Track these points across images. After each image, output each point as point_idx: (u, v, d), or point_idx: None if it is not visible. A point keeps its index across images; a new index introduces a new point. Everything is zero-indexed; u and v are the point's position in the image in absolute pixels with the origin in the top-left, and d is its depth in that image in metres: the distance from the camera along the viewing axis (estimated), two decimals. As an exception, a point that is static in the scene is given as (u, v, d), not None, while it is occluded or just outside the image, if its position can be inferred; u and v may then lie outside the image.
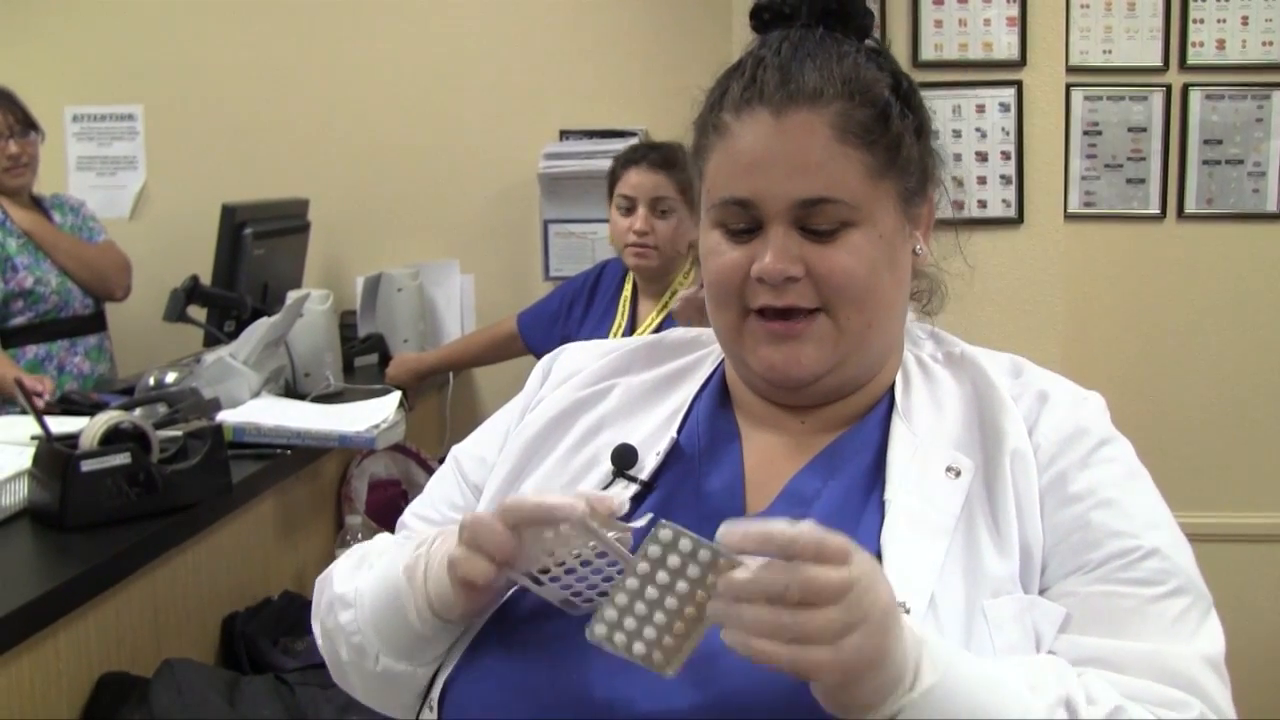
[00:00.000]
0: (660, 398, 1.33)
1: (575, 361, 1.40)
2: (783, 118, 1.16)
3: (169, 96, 4.51)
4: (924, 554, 1.12)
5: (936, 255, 1.30)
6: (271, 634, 2.52)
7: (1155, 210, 3.71)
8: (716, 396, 1.31)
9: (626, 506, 1.08)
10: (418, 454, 3.58)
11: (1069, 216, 3.49)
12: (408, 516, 1.40)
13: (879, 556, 1.12)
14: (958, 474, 1.18)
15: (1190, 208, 3.71)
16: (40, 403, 3.02)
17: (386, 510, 3.27)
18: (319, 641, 1.31)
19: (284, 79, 4.44)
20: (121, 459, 2.20)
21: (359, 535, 2.95)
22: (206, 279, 3.55)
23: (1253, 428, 3.74)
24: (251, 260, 3.66)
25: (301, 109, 4.44)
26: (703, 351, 1.36)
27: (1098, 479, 1.17)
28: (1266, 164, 3.67)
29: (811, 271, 1.17)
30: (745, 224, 1.19)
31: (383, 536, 1.37)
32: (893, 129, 1.19)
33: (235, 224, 3.62)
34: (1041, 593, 1.14)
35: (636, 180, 3.20)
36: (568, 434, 1.32)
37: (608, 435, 1.30)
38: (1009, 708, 0.98)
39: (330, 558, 1.41)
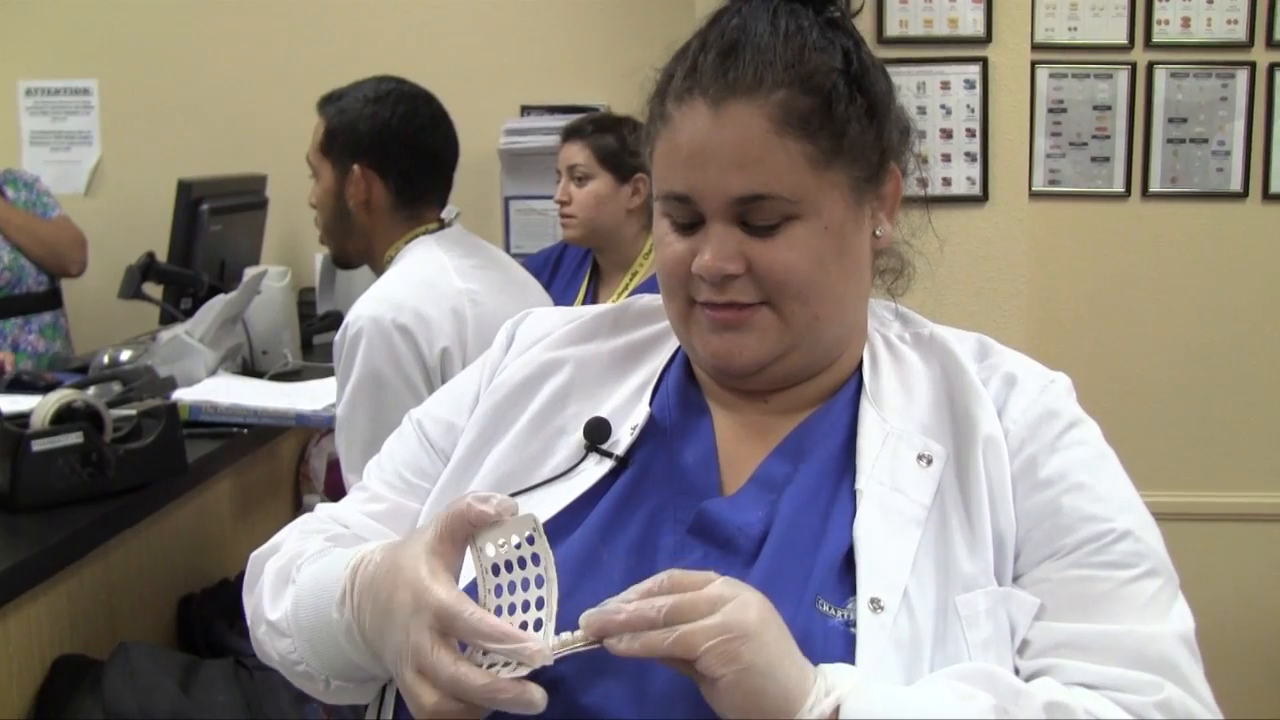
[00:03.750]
0: (628, 368, 1.30)
1: (540, 326, 1.37)
2: (720, 110, 1.12)
3: (125, 70, 4.45)
4: (897, 547, 1.10)
5: (905, 232, 1.27)
6: (229, 616, 2.48)
7: (1120, 189, 3.70)
8: (685, 369, 1.28)
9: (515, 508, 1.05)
10: (377, 433, 3.51)
11: (1033, 195, 3.48)
12: (371, 480, 1.35)
13: (851, 549, 1.11)
14: (929, 462, 1.16)
15: (1155, 186, 3.70)
16: None
17: (345, 489, 3.22)
18: (257, 651, 1.27)
19: (241, 53, 4.39)
20: (73, 438, 2.16)
21: (318, 515, 2.91)
22: (163, 256, 3.51)
23: (1217, 406, 3.75)
24: (208, 237, 3.61)
25: (259, 83, 4.38)
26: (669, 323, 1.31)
27: (1067, 463, 1.15)
28: (1231, 143, 3.67)
29: (753, 267, 1.14)
30: (688, 218, 1.16)
31: (299, 526, 1.33)
32: (838, 116, 1.14)
33: (191, 200, 3.58)
34: (1015, 580, 1.12)
35: (560, 154, 3.28)
36: (532, 401, 1.29)
37: (575, 406, 1.27)
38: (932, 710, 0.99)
39: (289, 538, 1.37)
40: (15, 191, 3.93)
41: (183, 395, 2.75)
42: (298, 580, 1.20)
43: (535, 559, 1.01)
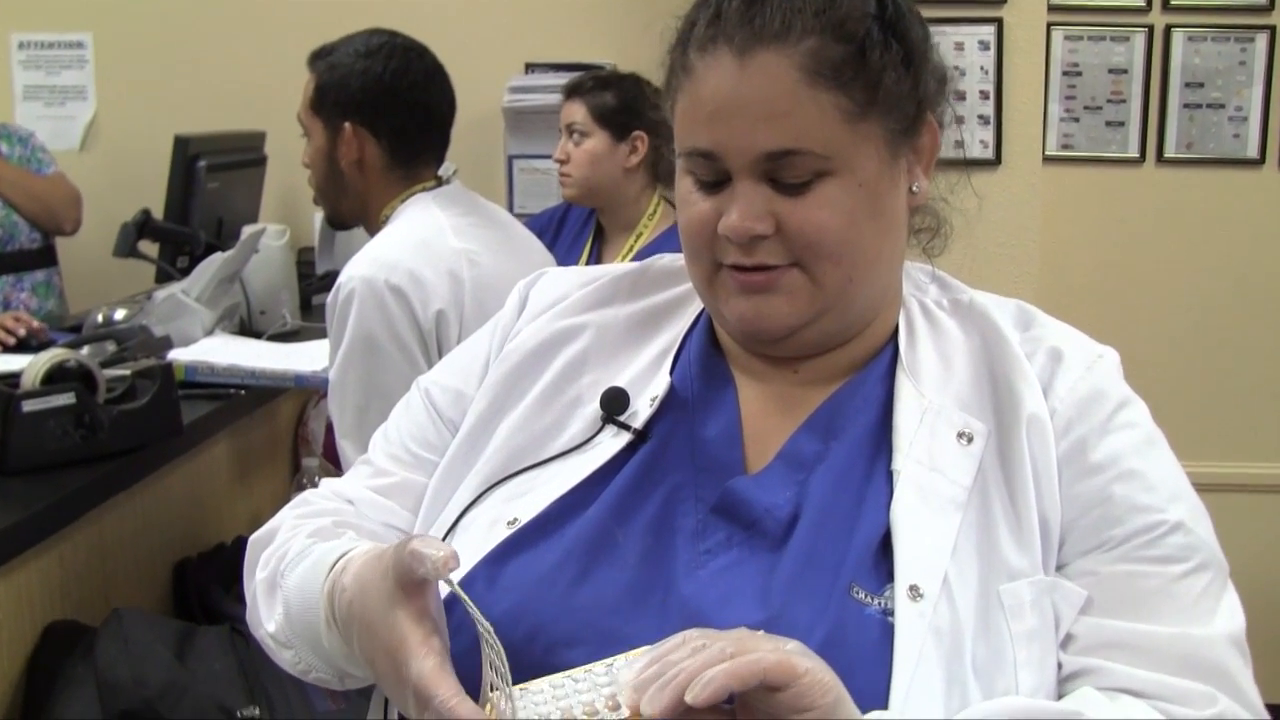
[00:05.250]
0: (647, 335, 1.24)
1: (555, 289, 1.30)
2: (746, 60, 1.05)
3: (120, 23, 4.36)
4: (936, 531, 1.04)
5: (941, 189, 1.20)
6: (225, 581, 2.43)
7: (1134, 154, 3.65)
8: (707, 336, 1.22)
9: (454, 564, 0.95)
10: (377, 395, 3.46)
11: (1047, 159, 3.42)
12: (376, 454, 1.29)
13: (887, 533, 1.05)
14: (970, 440, 1.09)
15: (1170, 152, 3.64)
16: (11, 340, 2.93)
17: (339, 454, 3.18)
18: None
19: (240, 6, 4.30)
20: (65, 399, 2.11)
21: (316, 478, 2.87)
22: (159, 213, 3.44)
23: (1231, 376, 3.70)
24: (205, 194, 3.55)
25: (258, 37, 4.29)
26: (690, 284, 1.23)
27: (1118, 447, 1.08)
28: (1248, 109, 3.61)
29: (782, 227, 1.07)
30: (713, 175, 1.09)
31: (297, 508, 1.27)
32: (872, 65, 1.06)
33: (188, 156, 3.51)
34: (1058, 569, 1.06)
35: (561, 111, 3.23)
36: (547, 369, 1.22)
37: (591, 375, 1.21)
38: None
39: (286, 501, 1.31)
40: (9, 147, 3.86)
41: (178, 355, 2.70)
42: (285, 588, 1.16)
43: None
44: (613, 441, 1.15)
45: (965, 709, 0.99)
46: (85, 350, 2.58)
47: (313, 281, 3.82)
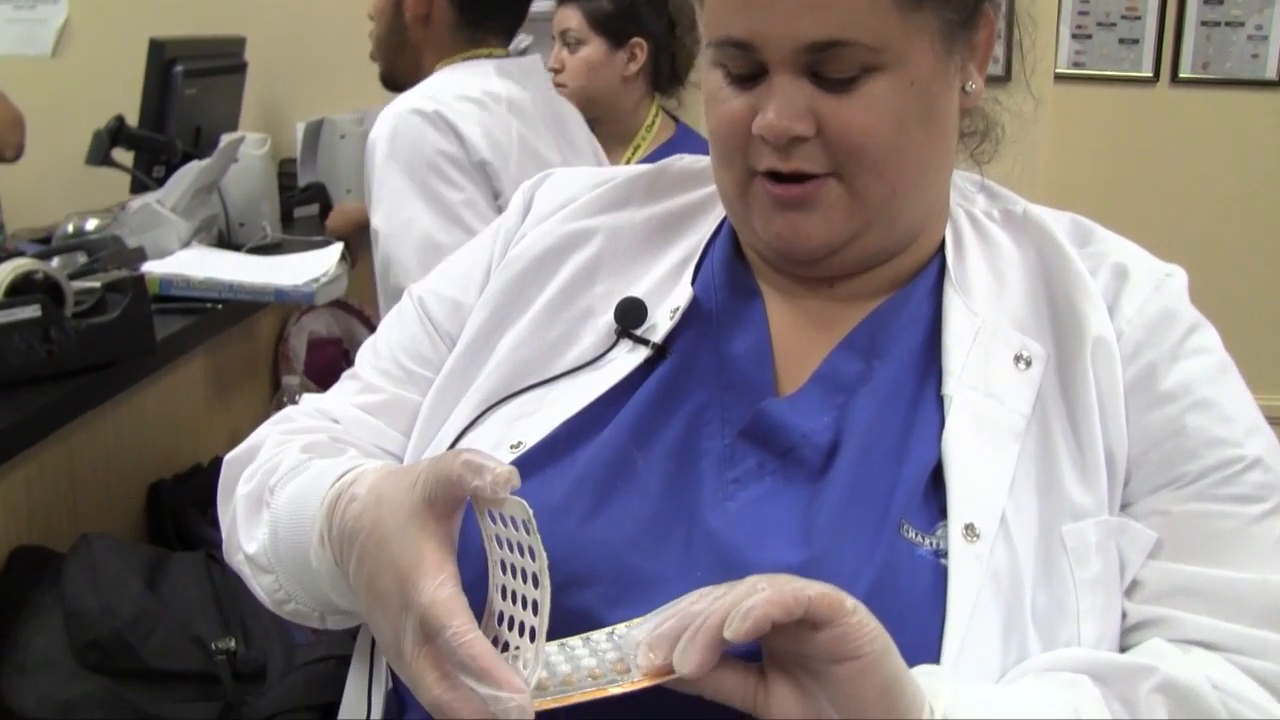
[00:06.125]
0: (665, 242, 1.12)
1: (564, 190, 1.18)
2: None
3: (93, -78, 4.19)
4: (993, 464, 0.94)
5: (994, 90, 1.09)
6: (201, 505, 2.33)
7: (1148, 73, 3.53)
8: (731, 244, 1.10)
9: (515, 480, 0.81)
10: (361, 311, 3.39)
11: (1058, 77, 3.31)
12: (364, 369, 1.17)
13: (939, 466, 0.94)
14: (1028, 364, 0.98)
15: (1185, 71, 3.53)
16: None
17: (326, 371, 3.10)
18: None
19: (219, -94, 4.14)
20: (30, 312, 1.98)
21: (296, 397, 2.75)
22: (134, 121, 3.30)
23: (1244, 303, 3.60)
24: (182, 101, 3.40)
25: (238, -63, 4.14)
26: (713, 186, 1.11)
27: (1191, 374, 0.98)
28: (1269, 28, 3.49)
29: (824, 129, 0.95)
30: (748, 69, 0.96)
31: (279, 424, 1.15)
32: None
33: (164, 61, 3.35)
34: (1123, 509, 0.96)
35: (555, 18, 3.12)
36: (554, 278, 1.11)
37: (604, 284, 1.10)
38: None
39: (265, 418, 1.19)
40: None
41: (152, 268, 2.56)
42: (273, 506, 1.02)
43: (531, 553, 0.80)
44: (629, 357, 1.04)
45: (1024, 662, 0.89)
46: (56, 262, 2.45)
47: (294, 194, 3.69)
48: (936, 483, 0.94)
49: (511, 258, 1.13)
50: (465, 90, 2.14)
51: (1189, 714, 0.86)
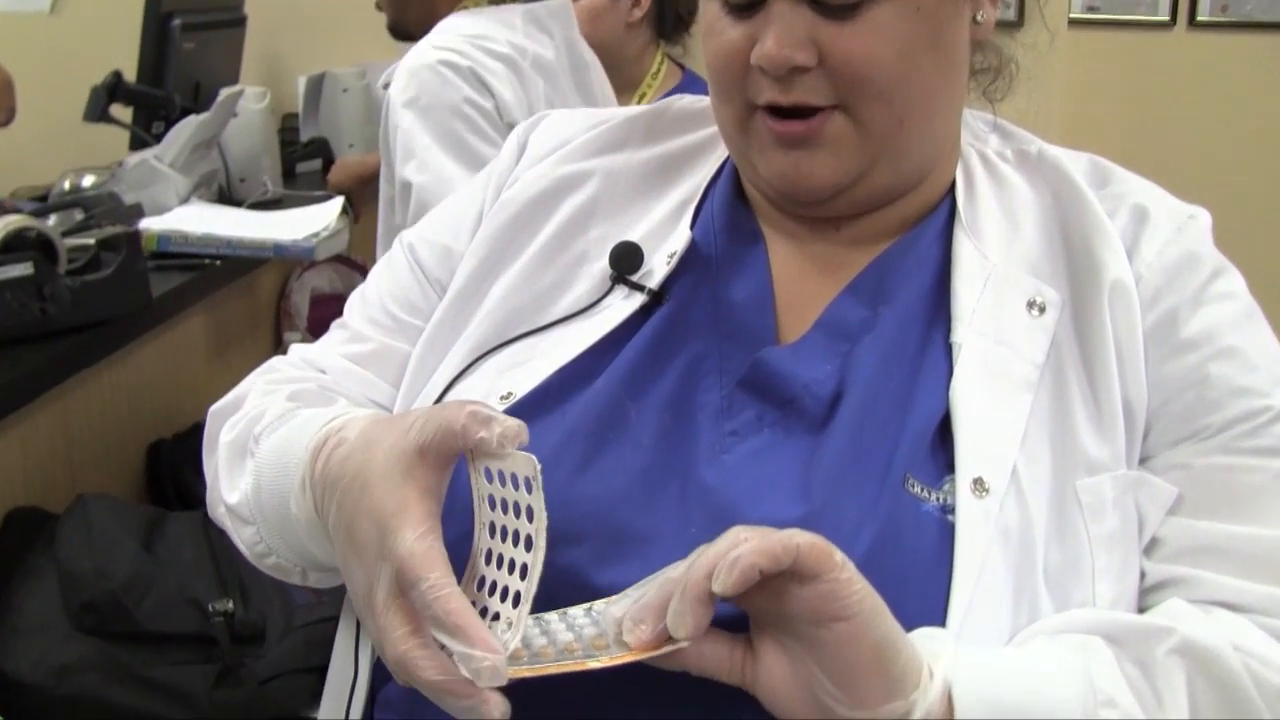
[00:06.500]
0: (664, 184, 1.07)
1: (559, 132, 1.13)
2: None
3: None
4: (1004, 415, 0.89)
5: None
6: (200, 464, 2.29)
7: (1165, 17, 3.46)
8: (733, 186, 1.05)
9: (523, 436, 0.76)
10: (364, 266, 3.33)
11: (1072, 22, 3.24)
12: (353, 318, 1.13)
13: (947, 417, 0.89)
14: (1041, 310, 0.93)
15: (1203, 15, 3.44)
16: None
17: (329, 327, 3.05)
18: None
19: None
20: (22, 269, 1.94)
21: (297, 354, 2.73)
22: (132, 77, 3.26)
23: (1268, 246, 3.53)
24: (181, 55, 3.34)
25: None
26: (715, 127, 1.06)
27: (1215, 320, 0.92)
28: (1291, -33, 3.41)
29: (826, 58, 0.90)
30: None
31: (265, 374, 1.11)
32: None
33: (161, 15, 3.30)
34: (1142, 462, 0.91)
35: None
36: (548, 222, 1.06)
37: (599, 228, 1.05)
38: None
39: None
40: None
41: (150, 224, 2.53)
42: (257, 454, 0.97)
43: (529, 514, 0.75)
44: (624, 304, 0.99)
45: (1035, 623, 0.84)
46: (53, 219, 2.42)
47: (296, 149, 3.66)
48: (944, 435, 0.89)
49: (504, 201, 1.08)
50: (494, 45, 2.06)
51: (1209, 677, 0.81)
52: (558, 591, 0.82)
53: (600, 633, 0.76)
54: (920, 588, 0.82)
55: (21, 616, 1.72)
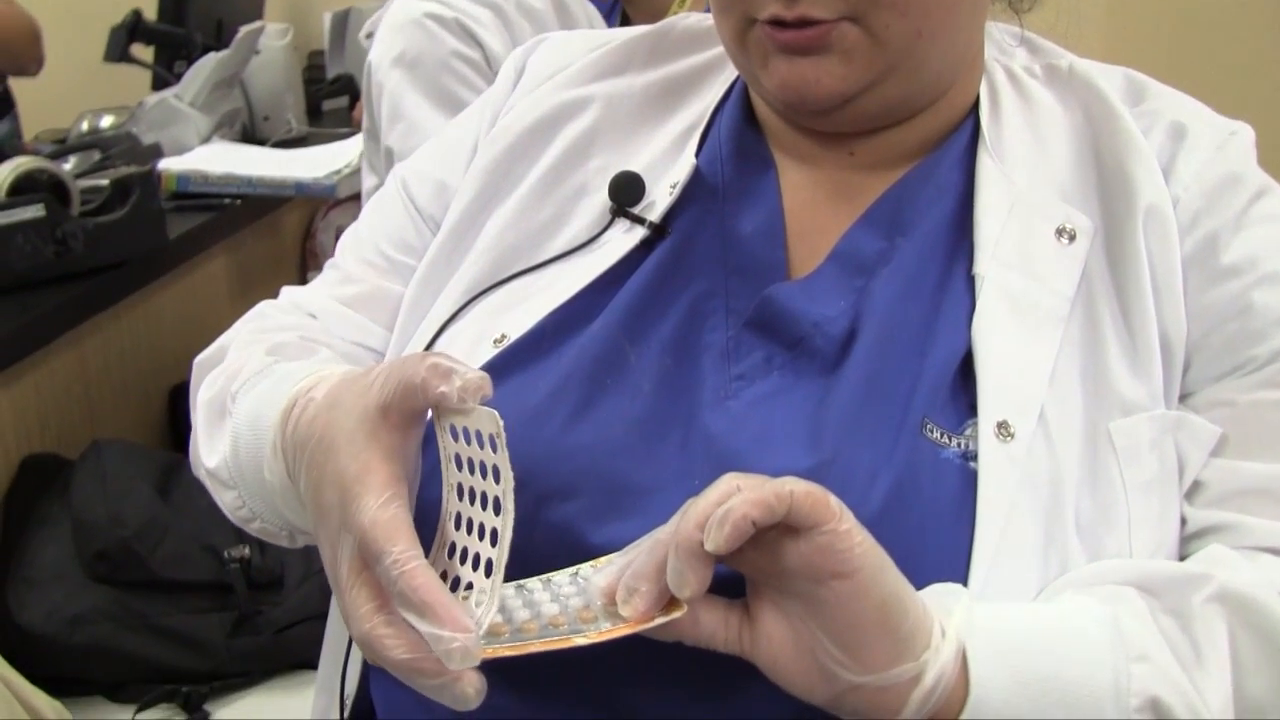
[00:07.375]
0: (668, 110, 1.00)
1: (557, 56, 1.06)
2: None
3: None
4: (1031, 353, 0.82)
5: None
6: (224, 406, 2.26)
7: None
8: (742, 110, 0.97)
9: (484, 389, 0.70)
10: (390, 205, 3.27)
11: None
12: (345, 258, 1.07)
13: (969, 355, 0.83)
14: (1072, 238, 0.86)
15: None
16: None
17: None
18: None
19: None
20: (34, 211, 1.91)
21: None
22: (153, 16, 3.21)
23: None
24: (201, -8, 3.30)
25: None
26: (722, 48, 0.98)
27: (1259, 244, 0.85)
28: None
29: None
30: None
31: (251, 321, 1.06)
32: None
33: (182, -50, 3.25)
34: (1182, 400, 0.84)
35: None
36: (545, 152, 0.99)
37: (599, 158, 0.98)
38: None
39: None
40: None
41: (169, 164, 2.48)
42: (235, 414, 0.91)
43: (496, 474, 0.68)
44: (624, 238, 0.93)
45: (1063, 577, 0.78)
46: (72, 161, 2.38)
47: (323, 86, 3.59)
48: (966, 375, 0.83)
49: (499, 131, 1.02)
50: None
51: (1252, 627, 0.75)
52: (551, 551, 0.77)
53: (587, 603, 0.71)
54: (940, 540, 0.76)
55: (35, 566, 1.69)
